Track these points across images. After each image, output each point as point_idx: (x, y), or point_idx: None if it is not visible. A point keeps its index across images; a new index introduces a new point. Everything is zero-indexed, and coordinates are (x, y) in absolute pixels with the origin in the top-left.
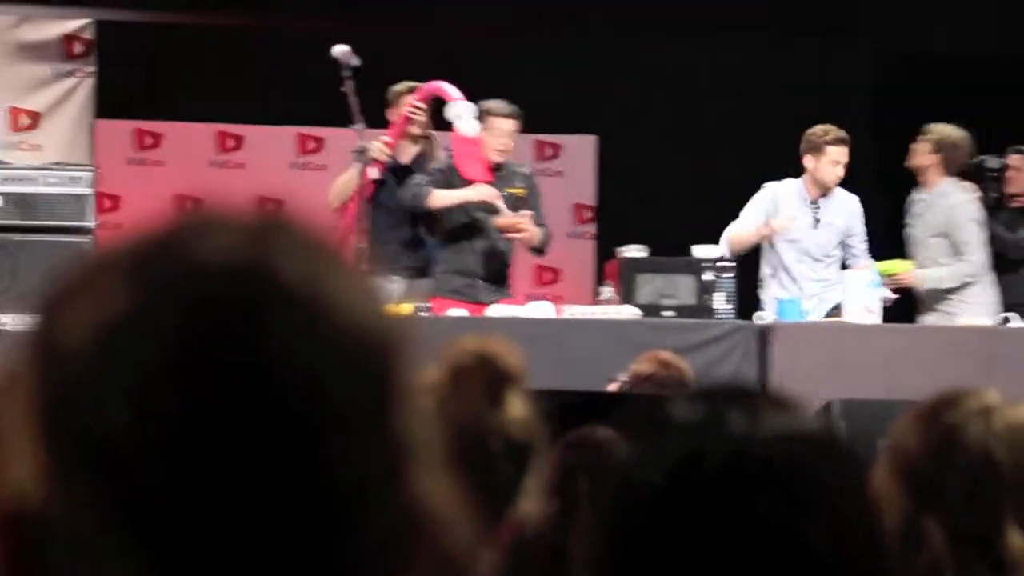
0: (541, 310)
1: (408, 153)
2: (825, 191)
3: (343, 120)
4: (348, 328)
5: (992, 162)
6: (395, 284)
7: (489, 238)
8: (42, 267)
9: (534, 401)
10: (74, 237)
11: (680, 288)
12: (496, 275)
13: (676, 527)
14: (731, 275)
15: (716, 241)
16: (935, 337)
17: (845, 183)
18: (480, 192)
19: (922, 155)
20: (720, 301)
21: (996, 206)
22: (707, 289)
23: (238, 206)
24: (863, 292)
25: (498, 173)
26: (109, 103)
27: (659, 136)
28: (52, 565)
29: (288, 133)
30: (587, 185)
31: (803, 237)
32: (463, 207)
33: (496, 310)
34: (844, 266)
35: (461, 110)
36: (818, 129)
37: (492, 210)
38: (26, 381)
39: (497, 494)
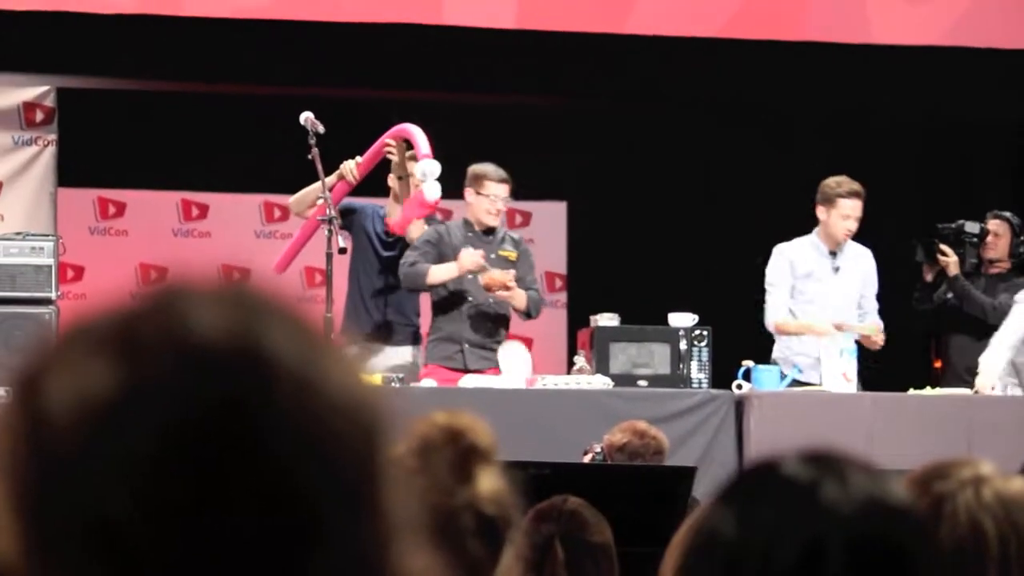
0: (514, 352)
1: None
2: (837, 244)
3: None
4: (339, 408)
5: (971, 227)
6: (372, 352)
7: (477, 303)
8: (4, 339)
9: (506, 475)
10: (36, 308)
11: (655, 357)
12: (488, 341)
13: None
14: (706, 343)
15: (686, 307)
16: (913, 405)
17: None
18: (467, 259)
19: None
20: (695, 370)
21: (975, 272)
22: (682, 358)
23: (217, 278)
24: (839, 359)
25: (490, 236)
26: (71, 171)
27: (629, 201)
28: None
29: (253, 201)
30: (558, 253)
31: (825, 288)
32: None
33: (468, 381)
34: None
35: (428, 170)
36: (831, 181)
37: (481, 272)
38: (5, 456)
39: (471, 570)
